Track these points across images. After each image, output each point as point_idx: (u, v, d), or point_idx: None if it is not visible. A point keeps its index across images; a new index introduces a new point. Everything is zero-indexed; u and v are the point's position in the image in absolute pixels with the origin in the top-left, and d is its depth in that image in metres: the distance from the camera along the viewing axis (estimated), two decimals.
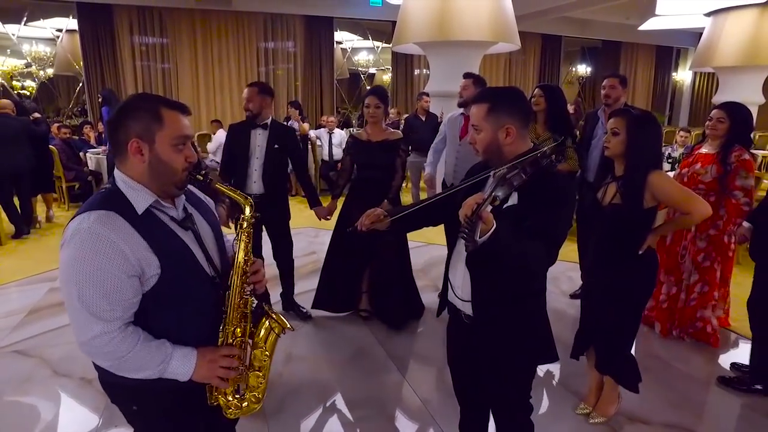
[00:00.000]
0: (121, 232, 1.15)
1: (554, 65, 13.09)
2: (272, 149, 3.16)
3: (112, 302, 1.15)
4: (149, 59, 9.85)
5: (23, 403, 2.59)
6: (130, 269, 1.16)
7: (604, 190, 2.23)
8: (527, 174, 1.42)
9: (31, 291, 4.05)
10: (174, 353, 1.23)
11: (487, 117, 1.52)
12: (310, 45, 10.83)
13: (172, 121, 1.23)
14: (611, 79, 3.58)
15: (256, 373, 1.37)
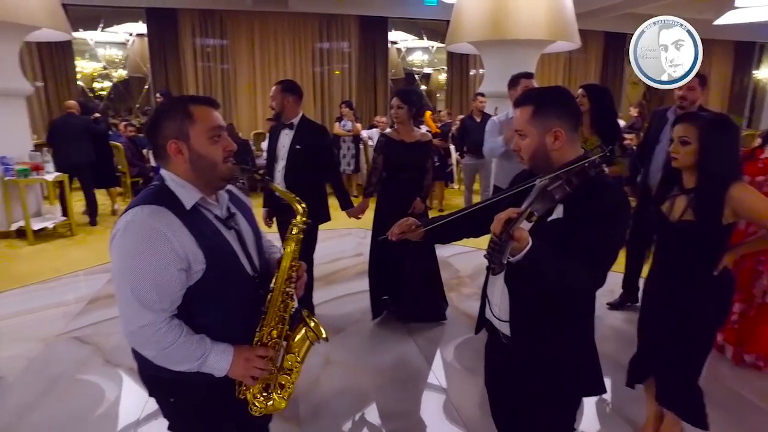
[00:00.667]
0: (172, 227, 1.20)
1: (618, 64, 12.43)
2: (294, 150, 3.12)
3: (161, 294, 1.20)
4: (209, 60, 10.23)
5: (77, 387, 2.73)
6: (180, 263, 1.20)
7: (671, 204, 2.01)
8: (572, 186, 1.28)
9: (94, 281, 4.28)
10: (213, 348, 1.27)
11: (532, 120, 1.38)
12: (364, 45, 10.86)
13: (202, 115, 1.26)
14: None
15: (285, 376, 1.39)
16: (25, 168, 5.24)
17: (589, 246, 1.27)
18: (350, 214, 3.35)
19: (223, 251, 1.29)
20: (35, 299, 3.92)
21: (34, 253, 5.02)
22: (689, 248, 1.93)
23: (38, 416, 2.47)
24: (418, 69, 12.56)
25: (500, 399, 1.69)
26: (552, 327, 1.42)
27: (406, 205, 3.30)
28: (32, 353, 3.05)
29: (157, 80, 10.01)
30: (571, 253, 1.26)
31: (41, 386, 2.72)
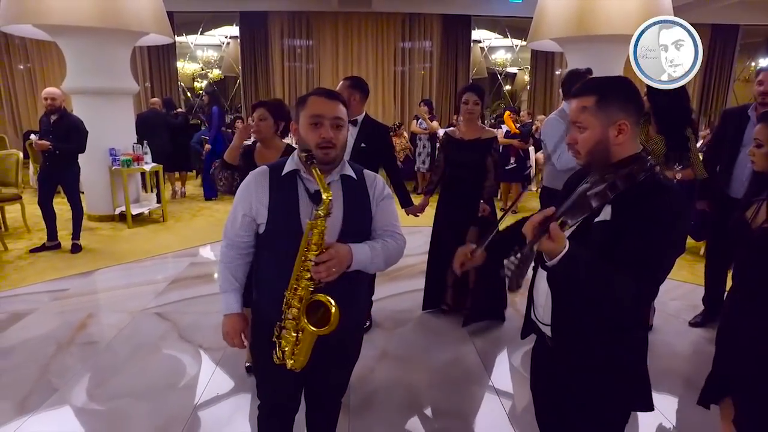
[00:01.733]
0: (259, 183, 1.51)
1: (725, 59, 11.30)
2: (359, 148, 3.11)
3: (233, 228, 1.56)
4: (296, 60, 10.71)
5: (155, 357, 3.00)
6: (247, 210, 1.52)
7: (756, 209, 1.82)
8: (615, 191, 1.18)
9: (179, 263, 4.67)
10: (230, 293, 1.61)
11: (594, 110, 1.27)
12: (446, 44, 10.81)
13: (312, 102, 1.47)
14: (765, 73, 2.93)
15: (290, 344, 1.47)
16: (128, 159, 5.82)
17: (637, 254, 1.17)
18: (409, 211, 3.34)
19: (289, 217, 1.46)
20: (129, 276, 4.36)
21: (131, 236, 5.58)
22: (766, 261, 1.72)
23: (122, 379, 2.75)
24: (500, 68, 12.26)
25: (545, 404, 1.62)
26: (596, 335, 1.33)
27: (464, 205, 3.26)
28: (122, 324, 3.40)
29: (247, 79, 10.66)
30: (617, 261, 1.17)
31: (126, 353, 3.02)
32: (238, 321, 1.62)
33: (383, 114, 10.88)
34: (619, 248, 1.19)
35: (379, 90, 10.84)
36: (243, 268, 1.62)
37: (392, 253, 1.57)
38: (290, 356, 1.48)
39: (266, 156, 2.46)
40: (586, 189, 1.21)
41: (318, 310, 1.43)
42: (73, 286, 4.09)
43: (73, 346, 3.12)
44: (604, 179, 1.22)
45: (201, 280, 4.27)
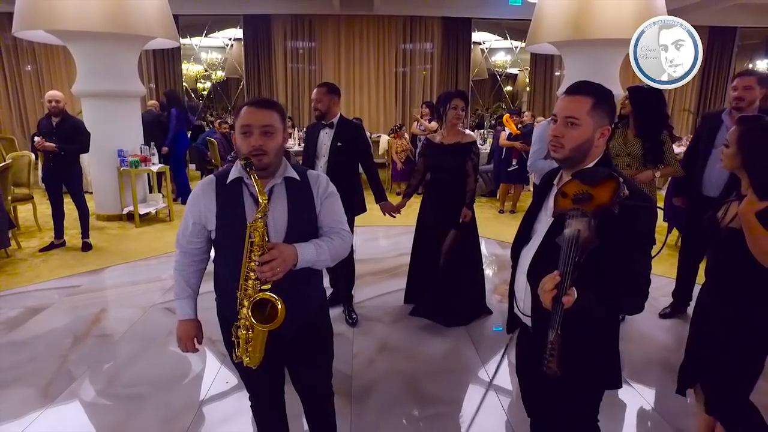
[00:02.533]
0: (207, 192, 1.62)
1: (723, 61, 11.40)
2: (336, 147, 3.27)
3: (184, 236, 1.68)
4: (299, 62, 10.86)
5: (165, 349, 3.16)
6: (198, 218, 1.63)
7: (726, 209, 1.96)
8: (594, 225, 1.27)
9: None
10: (182, 301, 1.75)
11: (591, 111, 1.39)
12: (447, 46, 10.95)
13: (243, 113, 1.56)
14: (746, 78, 3.05)
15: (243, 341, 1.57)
16: (136, 159, 5.99)
17: (633, 272, 1.31)
18: (383, 208, 3.44)
19: (234, 221, 1.57)
20: (137, 273, 4.52)
21: (139, 235, 5.74)
22: (737, 257, 1.86)
23: (135, 370, 2.92)
24: (500, 69, 12.40)
25: (529, 387, 1.77)
26: (572, 324, 1.48)
27: (446, 208, 3.34)
28: (134, 318, 3.56)
29: (251, 81, 10.82)
30: (614, 280, 1.30)
31: (138, 346, 3.19)
32: (191, 327, 1.75)
33: (385, 115, 11.03)
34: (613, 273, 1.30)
35: (381, 91, 11.00)
36: (196, 274, 1.73)
37: (338, 250, 1.65)
38: (245, 353, 1.57)
39: None
40: (576, 236, 1.26)
41: (266, 308, 1.50)
42: (85, 282, 4.25)
43: (89, 338, 3.28)
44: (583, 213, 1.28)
45: (206, 276, 4.40)
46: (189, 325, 1.75)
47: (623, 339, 3.07)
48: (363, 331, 3.38)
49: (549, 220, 1.41)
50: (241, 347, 1.57)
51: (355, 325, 3.45)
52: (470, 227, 3.44)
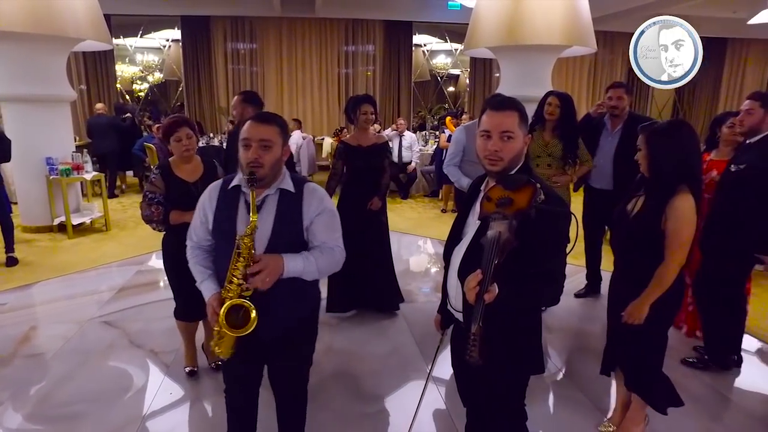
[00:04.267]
0: (211, 194, 1.79)
1: None
2: None
3: (195, 230, 1.83)
4: (239, 63, 10.68)
5: (105, 364, 3.06)
6: (204, 218, 1.79)
7: (634, 203, 2.18)
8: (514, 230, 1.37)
9: (124, 272, 4.67)
10: (205, 282, 1.78)
11: (520, 123, 1.52)
12: (389, 48, 11.11)
13: (245, 127, 1.69)
14: (617, 90, 3.53)
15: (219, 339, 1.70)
16: (68, 168, 5.70)
17: (550, 269, 1.46)
18: None
19: (226, 224, 1.72)
20: (72, 287, 4.32)
21: (73, 246, 5.48)
22: (637, 247, 2.08)
23: (70, 388, 2.80)
24: (442, 71, 12.71)
25: (464, 380, 1.88)
26: (498, 316, 1.60)
27: (364, 204, 3.57)
28: (68, 334, 3.42)
29: (190, 83, 10.53)
30: (533, 275, 1.42)
31: (74, 363, 3.06)
32: (213, 299, 1.71)
33: (328, 117, 11.05)
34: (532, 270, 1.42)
35: (324, 93, 11.01)
36: (209, 259, 1.84)
37: (328, 265, 1.76)
38: (217, 343, 1.72)
39: (188, 170, 2.61)
40: (497, 238, 1.35)
41: (240, 312, 1.62)
42: (11, 300, 4.02)
43: (16, 359, 3.12)
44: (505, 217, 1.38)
45: (149, 287, 4.31)
46: (213, 297, 1.73)
47: (548, 328, 3.33)
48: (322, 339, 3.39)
49: (477, 222, 1.52)
50: (215, 339, 1.71)
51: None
52: (382, 219, 3.69)
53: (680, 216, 1.98)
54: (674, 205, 1.98)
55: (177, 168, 2.61)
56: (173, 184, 2.57)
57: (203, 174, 2.66)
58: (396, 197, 8.15)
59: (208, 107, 10.60)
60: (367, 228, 3.58)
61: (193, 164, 2.65)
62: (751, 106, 2.81)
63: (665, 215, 1.99)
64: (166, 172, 2.58)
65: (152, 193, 2.55)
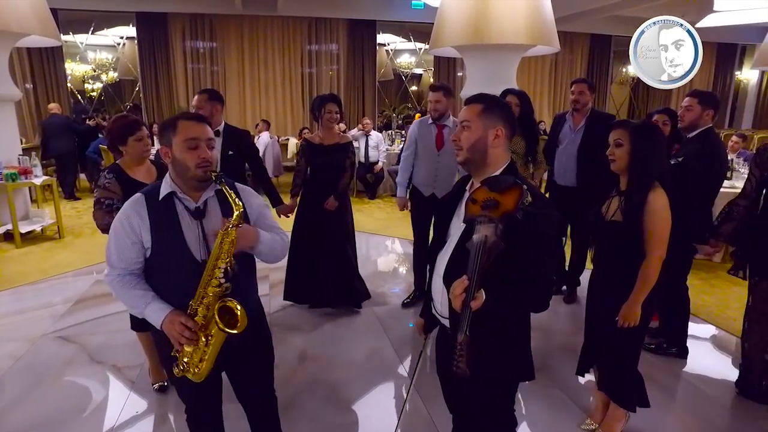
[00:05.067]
0: (138, 212, 1.58)
1: (603, 65, 12.64)
2: (227, 156, 3.20)
3: (119, 257, 1.60)
4: (199, 62, 10.35)
5: (62, 384, 2.84)
6: (134, 238, 1.58)
7: (608, 204, 2.17)
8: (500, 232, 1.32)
9: (80, 282, 4.40)
10: (150, 304, 1.57)
11: (480, 115, 1.51)
12: (353, 47, 11.00)
13: (185, 126, 1.56)
14: (580, 85, 3.61)
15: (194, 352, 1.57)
16: (13, 172, 5.33)
17: (537, 273, 1.39)
18: (279, 210, 3.52)
19: (172, 237, 1.57)
20: (23, 300, 4.03)
21: (21, 256, 5.13)
22: (618, 248, 2.08)
23: (23, 413, 2.58)
24: (405, 71, 12.71)
25: (449, 384, 1.83)
26: (485, 323, 1.55)
27: (323, 202, 3.53)
28: (19, 352, 3.16)
29: (147, 82, 10.12)
30: (520, 280, 1.37)
31: (27, 384, 2.83)
32: (175, 314, 1.55)
33: (292, 117, 10.85)
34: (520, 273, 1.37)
35: (288, 93, 10.80)
36: (143, 282, 1.64)
37: (282, 247, 1.76)
38: (196, 365, 1.56)
39: (142, 172, 2.45)
40: (483, 241, 1.31)
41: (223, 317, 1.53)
42: None
43: None
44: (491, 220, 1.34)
45: (109, 297, 4.05)
46: (173, 314, 1.55)
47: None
48: (282, 341, 3.29)
49: (462, 225, 1.47)
50: (191, 361, 1.57)
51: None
52: (343, 216, 3.67)
53: (658, 212, 1.99)
54: (651, 202, 1.99)
55: (131, 170, 2.44)
56: (131, 188, 2.37)
57: (158, 175, 2.51)
58: (363, 197, 8.07)
59: (167, 107, 10.20)
60: (327, 226, 3.55)
61: (146, 166, 2.50)
62: (690, 103, 2.96)
63: (644, 212, 1.99)
64: (120, 175, 2.40)
65: (108, 199, 2.36)
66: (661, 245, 2.01)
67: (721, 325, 3.61)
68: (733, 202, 2.71)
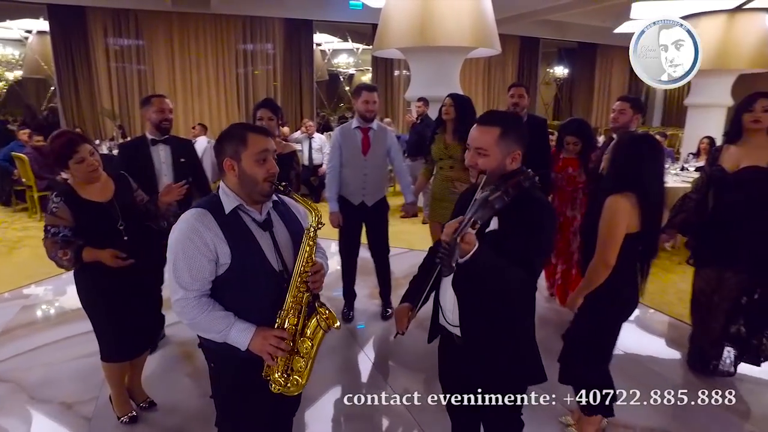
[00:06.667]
0: (208, 227, 1.49)
1: (532, 67, 13.25)
2: (179, 163, 3.02)
3: (193, 277, 1.49)
4: (124, 61, 9.63)
5: None
6: (210, 255, 1.49)
7: None
8: (509, 196, 1.42)
9: (5, 309, 3.90)
10: (235, 325, 1.51)
11: (498, 142, 1.51)
12: (289, 47, 10.73)
13: (255, 139, 1.52)
14: (518, 89, 3.65)
15: (301, 360, 1.57)
16: None
17: (524, 254, 1.43)
18: None
19: (251, 249, 1.53)
20: None
21: None
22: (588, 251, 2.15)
23: None
24: (343, 71, 12.61)
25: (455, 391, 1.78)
26: (497, 327, 1.56)
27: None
28: None
29: (65, 83, 9.26)
30: (509, 259, 1.41)
31: None
32: (265, 331, 1.51)
33: (227, 119, 10.38)
34: (509, 248, 1.42)
35: (222, 94, 10.34)
36: (218, 303, 1.55)
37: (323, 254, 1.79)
38: (300, 373, 1.56)
39: (97, 190, 2.19)
40: (486, 196, 1.42)
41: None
42: None
43: None
44: (498, 188, 1.44)
45: (41, 325, 3.63)
46: (262, 330, 1.52)
47: None
48: None
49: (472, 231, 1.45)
50: (297, 370, 1.55)
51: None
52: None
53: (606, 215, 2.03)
54: (606, 206, 2.04)
55: (83, 190, 2.16)
56: (83, 210, 2.13)
57: (116, 189, 2.26)
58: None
59: (88, 110, 9.39)
60: None
61: (102, 181, 2.23)
62: (623, 107, 3.24)
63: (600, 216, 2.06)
64: (71, 198, 2.12)
65: (54, 227, 2.08)
66: (601, 248, 2.04)
67: (663, 310, 3.88)
68: (686, 195, 2.93)
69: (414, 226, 5.91)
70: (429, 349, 1.89)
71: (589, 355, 2.25)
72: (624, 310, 2.23)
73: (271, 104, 3.20)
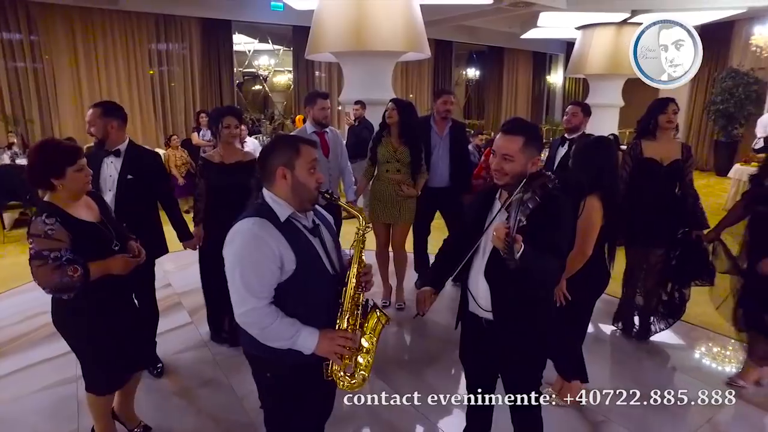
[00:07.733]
0: (272, 235, 1.54)
1: (446, 69, 13.87)
2: (125, 180, 2.77)
3: (263, 285, 1.55)
4: (16, 60, 8.64)
5: None
6: (276, 261, 1.54)
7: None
8: (539, 196, 1.60)
9: None
10: (302, 330, 1.58)
11: (522, 149, 1.70)
12: (207, 48, 10.29)
13: (307, 150, 1.62)
14: (449, 96, 3.92)
15: (364, 355, 1.67)
16: None
17: (552, 242, 1.66)
18: (187, 245, 3.18)
19: (311, 254, 1.61)
20: None
21: None
22: None
23: None
24: (264, 73, 12.35)
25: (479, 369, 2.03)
26: (525, 309, 1.79)
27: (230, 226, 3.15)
28: None
29: None
30: (544, 247, 1.62)
31: None
32: (330, 332, 1.61)
33: (142, 124, 9.73)
34: (539, 242, 1.61)
35: (135, 97, 9.62)
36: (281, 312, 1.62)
37: None
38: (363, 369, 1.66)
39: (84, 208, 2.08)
40: (521, 197, 1.59)
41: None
42: None
43: None
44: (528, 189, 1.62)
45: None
46: (326, 332, 1.61)
47: None
48: (238, 372, 3.03)
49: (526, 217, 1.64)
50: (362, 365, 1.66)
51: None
52: None
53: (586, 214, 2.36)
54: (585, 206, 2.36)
55: (71, 208, 2.01)
56: (78, 231, 1.97)
57: (99, 208, 2.16)
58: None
59: None
60: None
61: (84, 199, 2.10)
62: (575, 111, 3.69)
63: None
64: (64, 218, 1.95)
65: (55, 251, 1.88)
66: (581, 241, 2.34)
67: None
68: None
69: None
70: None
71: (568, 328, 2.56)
72: (597, 288, 2.57)
73: (236, 112, 3.20)
